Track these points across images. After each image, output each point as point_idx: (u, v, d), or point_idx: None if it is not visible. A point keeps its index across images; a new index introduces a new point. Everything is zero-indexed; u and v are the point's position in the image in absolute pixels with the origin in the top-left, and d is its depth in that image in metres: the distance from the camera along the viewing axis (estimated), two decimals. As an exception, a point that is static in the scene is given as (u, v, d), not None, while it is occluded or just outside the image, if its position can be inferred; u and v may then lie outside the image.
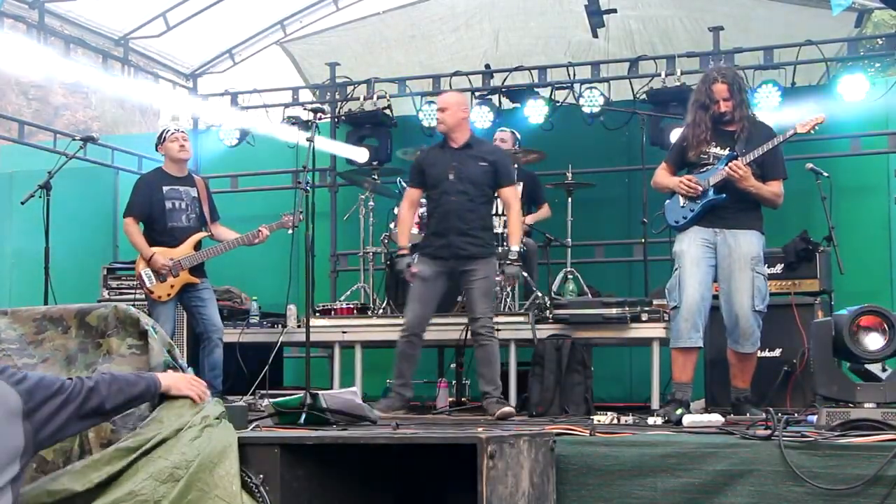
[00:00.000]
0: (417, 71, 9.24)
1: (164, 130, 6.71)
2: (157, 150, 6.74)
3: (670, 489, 3.70)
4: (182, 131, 6.70)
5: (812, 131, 5.22)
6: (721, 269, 5.15)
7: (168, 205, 6.51)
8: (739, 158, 5.11)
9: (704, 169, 5.22)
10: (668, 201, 5.37)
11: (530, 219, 7.57)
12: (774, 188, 5.22)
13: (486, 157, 5.98)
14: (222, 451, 3.32)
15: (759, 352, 5.47)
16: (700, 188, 5.15)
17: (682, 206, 5.25)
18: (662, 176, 5.42)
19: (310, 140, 5.68)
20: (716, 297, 5.26)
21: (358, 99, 8.98)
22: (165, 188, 6.54)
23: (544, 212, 7.77)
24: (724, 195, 5.13)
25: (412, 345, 5.93)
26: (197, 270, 6.54)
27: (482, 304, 5.85)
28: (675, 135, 6.36)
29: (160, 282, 6.41)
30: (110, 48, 9.05)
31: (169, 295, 6.45)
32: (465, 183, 5.90)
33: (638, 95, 8.21)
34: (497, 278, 6.25)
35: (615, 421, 4.91)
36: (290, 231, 7.20)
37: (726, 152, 5.18)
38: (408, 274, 5.99)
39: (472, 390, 7.13)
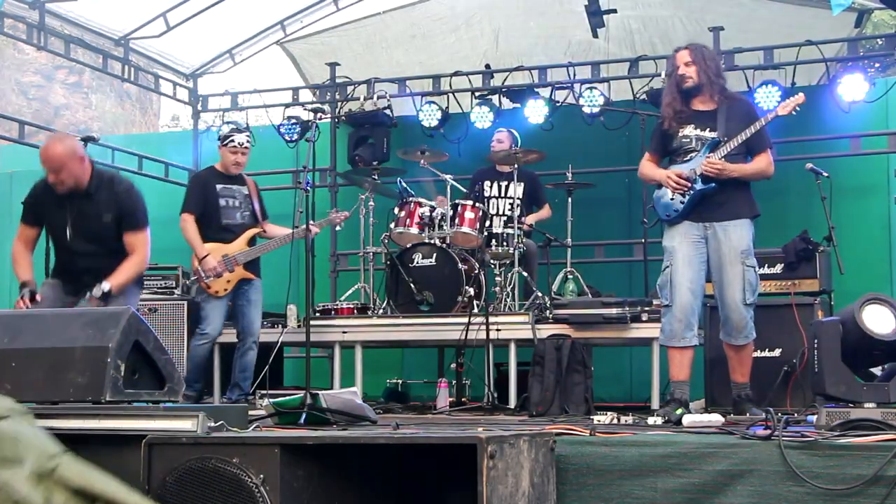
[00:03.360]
0: (417, 71, 9.24)
1: (227, 135, 6.52)
2: (219, 146, 6.57)
3: (670, 489, 3.70)
4: (245, 146, 6.49)
5: (794, 112, 5.16)
6: (712, 262, 5.10)
7: (222, 202, 6.46)
8: (721, 147, 5.02)
9: (688, 157, 5.13)
10: (656, 193, 5.28)
11: (531, 219, 7.58)
12: (761, 163, 5.13)
13: (108, 208, 5.33)
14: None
15: (759, 352, 5.46)
16: (689, 183, 5.07)
17: (672, 199, 5.16)
18: (648, 167, 5.34)
19: (310, 140, 5.67)
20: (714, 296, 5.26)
21: (358, 99, 8.99)
22: (219, 186, 6.47)
23: (545, 212, 7.79)
24: (714, 184, 5.04)
25: None
26: (251, 266, 6.49)
27: None
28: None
29: (216, 277, 6.37)
30: (110, 48, 9.05)
31: (226, 290, 6.41)
32: (85, 240, 5.33)
33: (638, 95, 8.22)
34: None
35: (615, 421, 4.90)
36: (337, 227, 7.31)
37: (708, 134, 5.09)
38: (24, 303, 5.23)
39: (472, 390, 7.13)
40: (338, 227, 7.50)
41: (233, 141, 6.48)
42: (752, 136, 5.06)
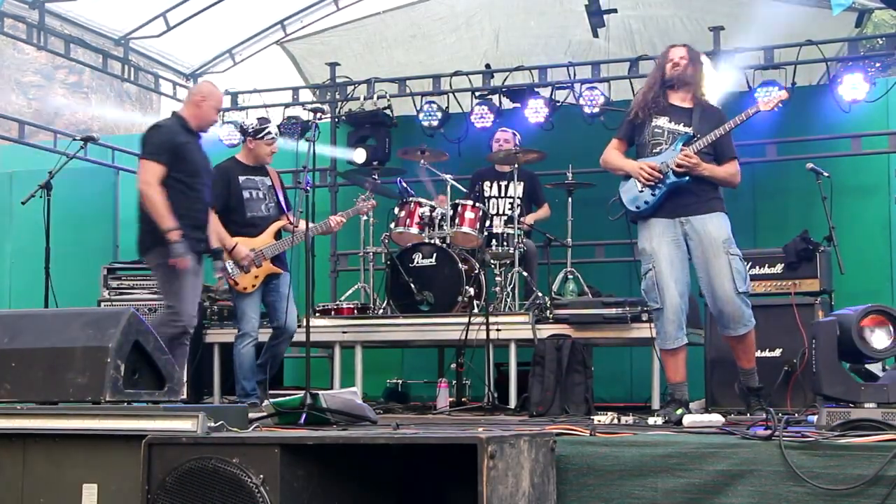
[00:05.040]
0: (418, 71, 9.24)
1: (263, 128, 6.47)
2: (244, 139, 6.51)
3: (671, 489, 3.70)
4: (276, 135, 6.57)
5: (776, 108, 5.14)
6: (695, 258, 5.00)
7: (246, 194, 6.33)
8: (695, 142, 4.95)
9: (657, 150, 5.04)
10: (622, 185, 5.16)
11: (530, 218, 7.57)
12: (730, 168, 5.07)
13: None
14: None
15: (759, 352, 5.44)
16: (661, 175, 4.96)
17: (641, 191, 5.05)
18: (614, 156, 5.21)
19: (310, 140, 5.68)
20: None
21: (358, 99, 8.99)
22: (241, 178, 6.35)
23: (544, 211, 7.79)
24: (687, 177, 4.95)
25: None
26: (278, 260, 6.36)
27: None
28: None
29: (244, 272, 6.23)
30: (110, 48, 9.06)
31: (254, 286, 6.26)
32: (208, 176, 5.77)
33: (638, 95, 8.21)
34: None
35: (615, 421, 4.89)
36: (364, 217, 7.37)
37: (681, 128, 5.02)
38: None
39: (472, 390, 7.13)
40: (364, 217, 7.44)
41: (269, 133, 6.44)
42: (723, 141, 5.02)
